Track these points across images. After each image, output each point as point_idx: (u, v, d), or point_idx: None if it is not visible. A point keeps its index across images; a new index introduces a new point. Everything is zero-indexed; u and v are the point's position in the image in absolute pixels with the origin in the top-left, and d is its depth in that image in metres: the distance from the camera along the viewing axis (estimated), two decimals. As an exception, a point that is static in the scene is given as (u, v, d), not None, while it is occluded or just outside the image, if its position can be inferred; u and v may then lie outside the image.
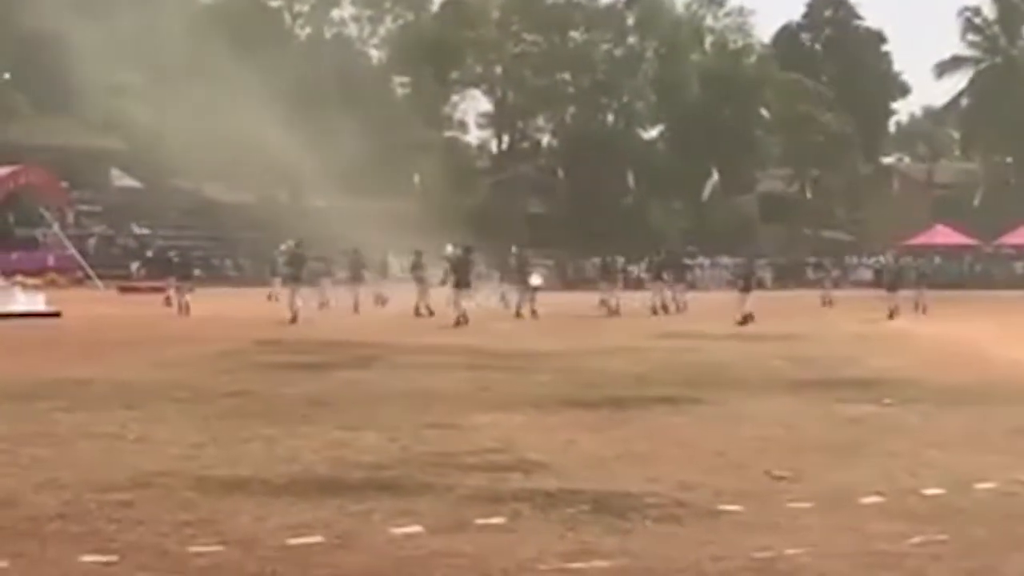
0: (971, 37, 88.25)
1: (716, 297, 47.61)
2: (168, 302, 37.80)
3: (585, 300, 43.60)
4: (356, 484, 10.31)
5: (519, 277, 40.51)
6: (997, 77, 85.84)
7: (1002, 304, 47.33)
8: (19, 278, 39.44)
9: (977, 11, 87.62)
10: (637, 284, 50.30)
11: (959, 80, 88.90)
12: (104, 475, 10.53)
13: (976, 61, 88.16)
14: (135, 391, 16.66)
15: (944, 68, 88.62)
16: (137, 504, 9.45)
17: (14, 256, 51.16)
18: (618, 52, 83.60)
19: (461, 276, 34.78)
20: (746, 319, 34.29)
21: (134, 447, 12.28)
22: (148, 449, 12.14)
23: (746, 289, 37.08)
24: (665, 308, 41.23)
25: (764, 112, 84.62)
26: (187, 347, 24.26)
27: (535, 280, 40.62)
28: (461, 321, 32.85)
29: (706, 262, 71.35)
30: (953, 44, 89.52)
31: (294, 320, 32.73)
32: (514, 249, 45.09)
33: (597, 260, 46.71)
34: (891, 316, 38.24)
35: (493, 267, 48.74)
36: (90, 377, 18.34)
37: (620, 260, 46.40)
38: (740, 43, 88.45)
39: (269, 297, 42.14)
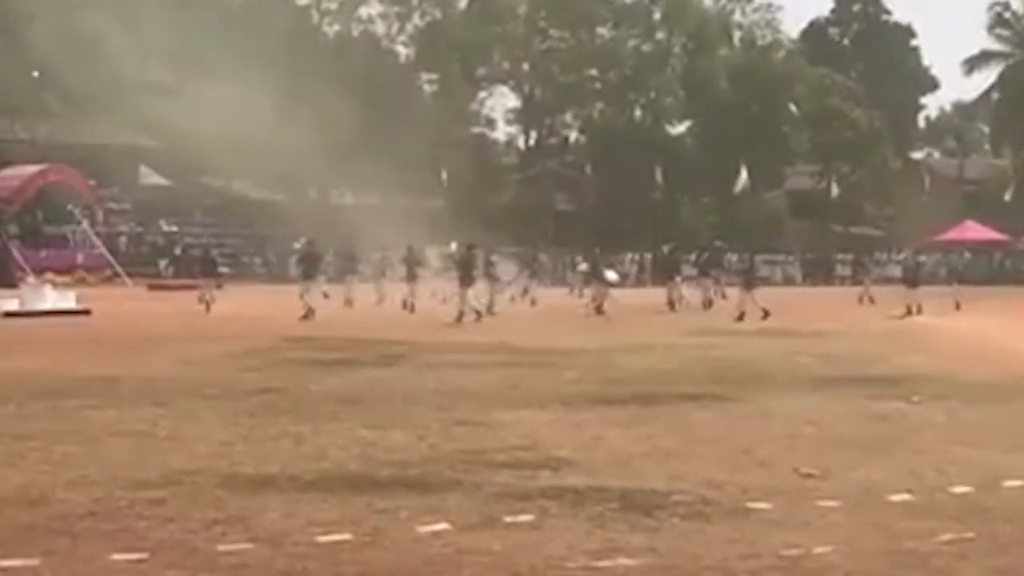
0: (1000, 31, 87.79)
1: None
2: (202, 300, 37.47)
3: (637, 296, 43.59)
4: (384, 481, 10.36)
5: (596, 275, 41.31)
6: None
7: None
8: (49, 276, 39.67)
9: (1007, 5, 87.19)
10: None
11: (989, 75, 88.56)
12: (134, 473, 10.60)
13: (1006, 56, 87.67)
14: (164, 389, 16.75)
15: (973, 63, 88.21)
16: (167, 502, 9.51)
17: (43, 254, 51.36)
18: (646, 48, 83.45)
19: (465, 273, 34.88)
20: (742, 316, 34.39)
21: (164, 444, 12.36)
22: (178, 446, 12.21)
23: (748, 286, 37.03)
24: (711, 303, 41.53)
25: (793, 108, 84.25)
26: (216, 344, 24.30)
27: (611, 276, 41.62)
28: (464, 317, 32.89)
29: (734, 258, 71.11)
30: (982, 38, 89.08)
31: (306, 317, 32.74)
32: (596, 251, 45.80)
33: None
34: (908, 312, 37.93)
35: (521, 263, 48.91)
36: (120, 375, 18.43)
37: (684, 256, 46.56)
38: (768, 38, 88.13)
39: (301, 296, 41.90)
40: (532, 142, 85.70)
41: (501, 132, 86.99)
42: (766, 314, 34.20)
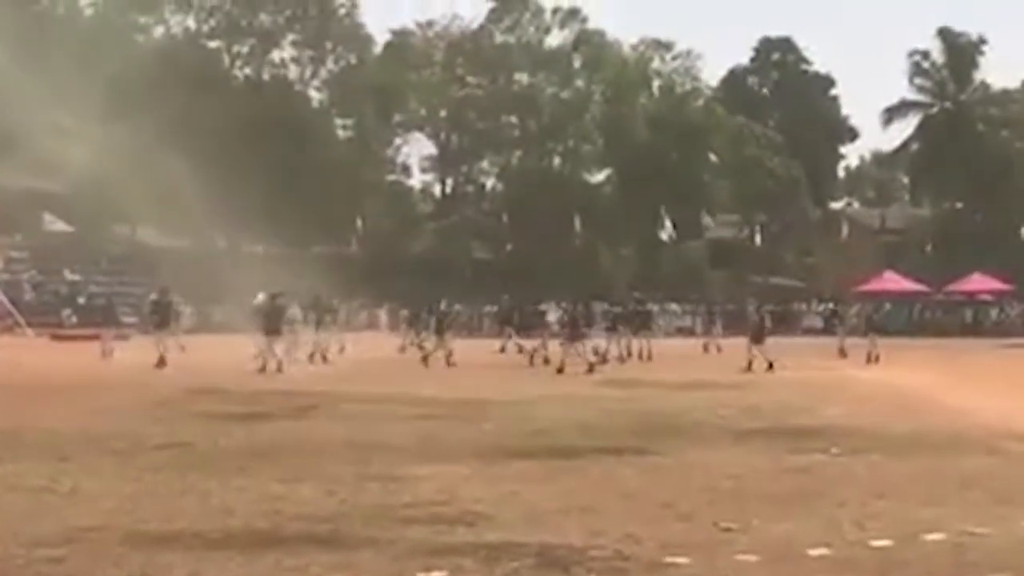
0: (920, 81, 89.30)
1: (667, 344, 47.64)
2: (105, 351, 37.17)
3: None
4: (293, 538, 10.27)
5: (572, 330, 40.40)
6: (946, 122, 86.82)
7: (951, 352, 47.72)
8: (-53, 327, 39.15)
9: (926, 55, 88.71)
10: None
11: (908, 125, 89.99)
12: (33, 529, 10.43)
13: (925, 106, 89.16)
14: (67, 442, 16.52)
15: (893, 113, 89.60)
16: (67, 559, 9.37)
17: (-58, 304, 50.72)
18: (564, 95, 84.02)
19: (271, 323, 34.83)
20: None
21: (65, 500, 12.18)
22: (80, 502, 12.04)
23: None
24: (629, 355, 41.37)
25: (712, 156, 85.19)
26: (122, 396, 24.09)
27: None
28: (266, 368, 32.73)
29: (655, 308, 71.51)
30: (902, 88, 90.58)
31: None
32: (564, 304, 45.44)
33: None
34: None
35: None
36: (19, 427, 18.18)
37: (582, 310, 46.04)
38: (688, 86, 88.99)
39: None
40: (449, 189, 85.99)
41: (417, 179, 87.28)
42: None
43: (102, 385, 27.30)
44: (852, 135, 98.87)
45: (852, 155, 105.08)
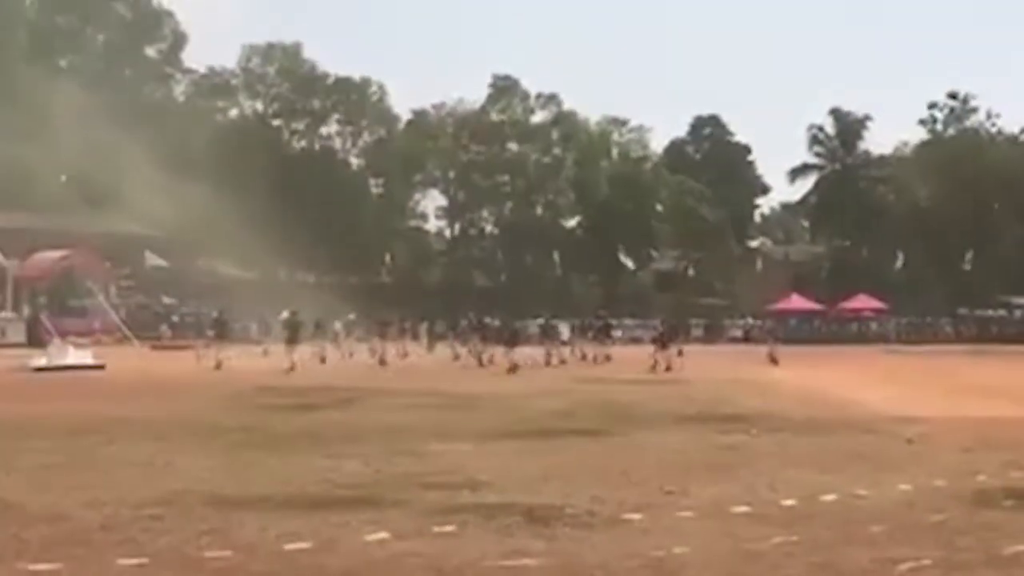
0: (816, 148, 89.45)
1: (624, 350, 47.59)
2: (206, 356, 36.38)
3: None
4: (338, 500, 10.26)
5: (552, 334, 41.74)
6: (837, 180, 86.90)
7: (843, 356, 47.76)
8: (71, 338, 39.02)
9: (821, 128, 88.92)
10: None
11: (808, 182, 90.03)
12: (137, 494, 10.42)
13: (820, 168, 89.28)
14: (162, 427, 16.51)
15: (796, 173, 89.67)
16: (164, 518, 9.37)
17: (67, 321, 50.60)
18: (545, 160, 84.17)
19: (292, 334, 35.16)
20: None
21: (161, 472, 12.17)
22: (173, 473, 12.03)
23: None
24: (595, 359, 40.97)
25: (658, 206, 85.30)
26: (203, 392, 24.06)
27: (564, 333, 42.83)
28: (293, 368, 32.48)
29: (614, 322, 71.36)
30: (803, 153, 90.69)
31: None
32: (543, 317, 45.65)
33: (540, 322, 46.08)
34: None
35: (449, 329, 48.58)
36: (127, 416, 18.16)
37: (560, 323, 45.74)
38: (640, 153, 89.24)
39: (264, 352, 41.14)
40: (457, 232, 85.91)
41: (432, 225, 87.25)
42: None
43: (189, 384, 27.25)
44: (765, 190, 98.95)
45: (765, 205, 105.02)
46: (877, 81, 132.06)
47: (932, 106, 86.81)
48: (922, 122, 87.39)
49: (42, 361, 32.30)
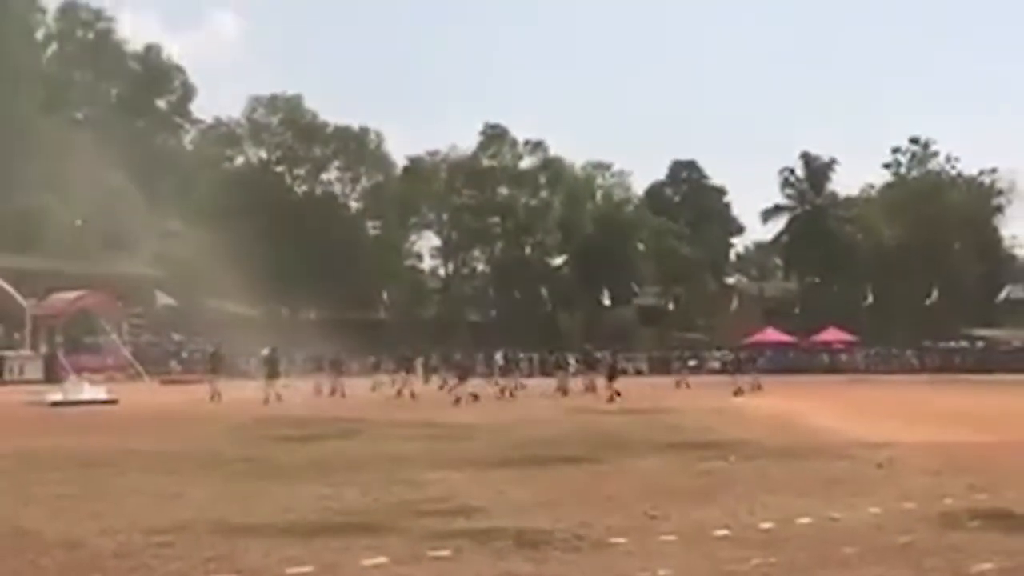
0: (787, 191, 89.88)
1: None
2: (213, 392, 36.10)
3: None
4: (338, 527, 10.18)
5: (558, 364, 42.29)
6: (807, 220, 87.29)
7: (815, 385, 47.81)
8: (85, 374, 38.86)
9: (792, 171, 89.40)
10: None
11: (780, 222, 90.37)
12: (149, 523, 10.33)
13: (791, 209, 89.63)
14: (171, 459, 16.41)
15: (768, 214, 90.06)
16: (173, 544, 9.28)
17: (82, 358, 50.47)
18: (533, 202, 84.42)
19: (271, 369, 35.34)
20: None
21: (171, 501, 12.06)
22: (181, 502, 11.93)
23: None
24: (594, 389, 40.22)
25: (640, 246, 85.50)
26: (211, 425, 23.94)
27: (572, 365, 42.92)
28: (272, 400, 32.53)
29: (599, 356, 71.20)
30: (774, 195, 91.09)
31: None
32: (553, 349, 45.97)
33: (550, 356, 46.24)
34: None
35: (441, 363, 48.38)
36: (139, 448, 18.05)
37: (569, 356, 45.65)
38: (622, 196, 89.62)
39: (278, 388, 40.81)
40: (450, 271, 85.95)
41: (427, 264, 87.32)
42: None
43: (197, 417, 27.11)
44: (740, 229, 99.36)
45: (740, 244, 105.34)
46: (843, 126, 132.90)
47: (896, 150, 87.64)
48: (886, 165, 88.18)
49: (58, 396, 32.14)
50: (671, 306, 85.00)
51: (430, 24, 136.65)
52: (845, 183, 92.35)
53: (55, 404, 30.77)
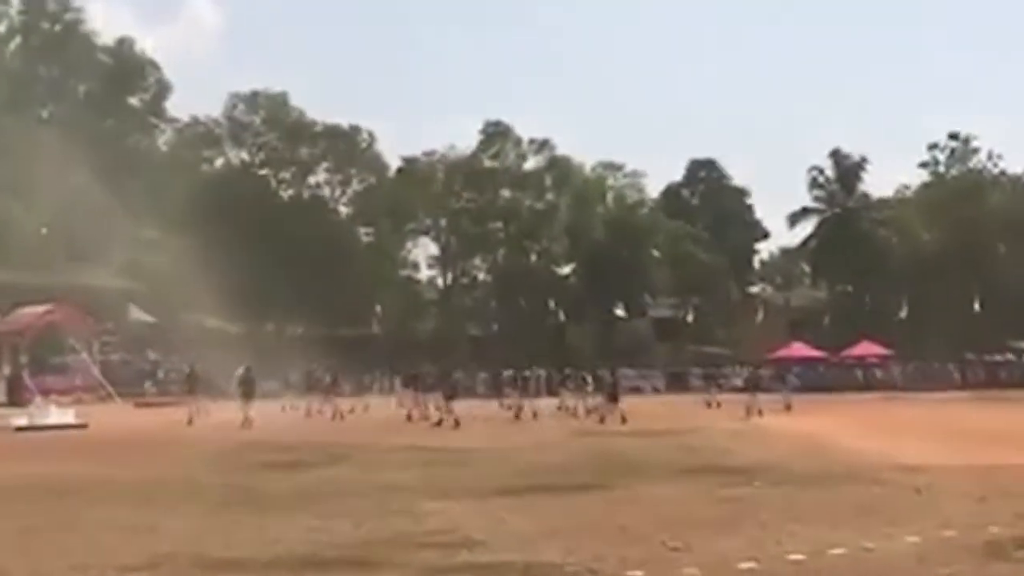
0: (816, 192, 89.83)
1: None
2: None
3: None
4: (329, 561, 10.18)
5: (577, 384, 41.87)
6: (837, 224, 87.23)
7: (847, 404, 47.76)
8: (52, 396, 38.92)
9: (820, 170, 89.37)
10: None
11: (808, 226, 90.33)
12: (123, 558, 10.34)
13: (820, 211, 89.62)
14: (146, 487, 16.42)
15: (795, 218, 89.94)
16: (149, 582, 9.28)
17: (49, 378, 50.53)
18: (539, 206, 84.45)
19: (247, 390, 35.45)
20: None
21: (147, 534, 12.06)
22: (158, 535, 11.93)
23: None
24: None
25: (655, 252, 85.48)
26: (189, 451, 23.96)
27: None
28: (246, 424, 32.53)
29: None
30: (801, 197, 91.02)
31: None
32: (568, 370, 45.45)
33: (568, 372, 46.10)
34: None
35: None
36: (111, 477, 18.06)
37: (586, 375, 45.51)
38: (635, 198, 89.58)
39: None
40: (449, 281, 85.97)
41: (424, 274, 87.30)
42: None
43: (174, 443, 27.12)
44: (764, 234, 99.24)
45: (764, 250, 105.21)
46: (876, 122, 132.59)
47: (933, 147, 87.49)
48: (923, 164, 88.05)
49: (23, 421, 32.19)
50: (689, 318, 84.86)
51: (425, 15, 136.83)
52: (878, 183, 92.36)
53: (20, 429, 30.81)
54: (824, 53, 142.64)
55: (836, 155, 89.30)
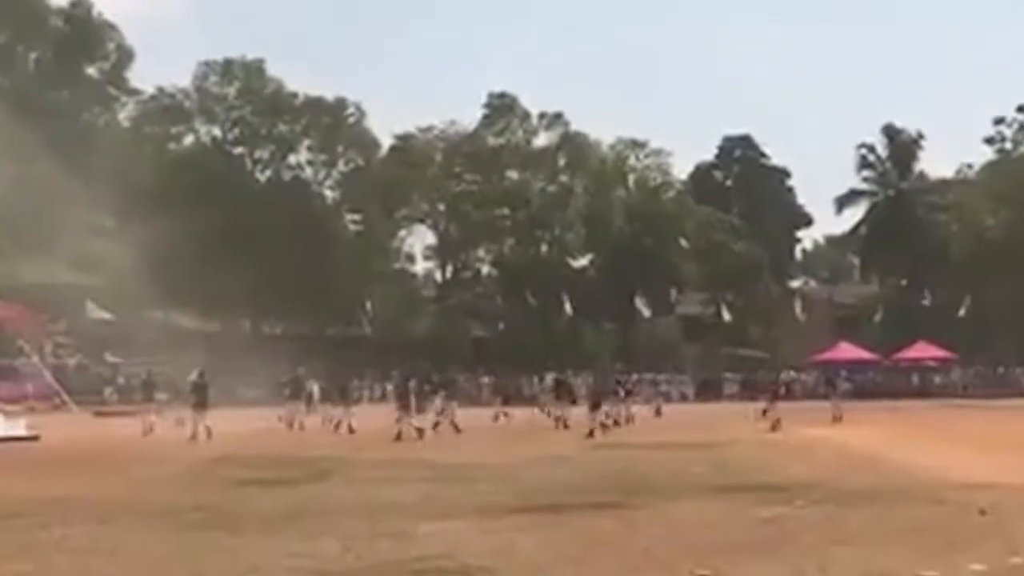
0: (866, 172, 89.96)
1: (642, 411, 47.57)
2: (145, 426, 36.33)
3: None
4: (312, 590, 10.21)
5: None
6: (890, 208, 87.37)
7: (900, 413, 47.71)
8: (1, 406, 39.06)
9: (872, 148, 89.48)
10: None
11: (857, 211, 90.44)
12: (77, 586, 10.38)
13: (871, 194, 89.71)
14: (107, 507, 16.45)
15: (843, 201, 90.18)
16: (108, 613, 9.32)
17: (-5, 385, 50.77)
18: (551, 189, 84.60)
19: (200, 398, 34.84)
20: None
21: (106, 559, 12.09)
22: (119, 561, 11.96)
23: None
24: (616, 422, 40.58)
25: (683, 242, 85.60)
26: (155, 465, 24.01)
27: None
28: (197, 437, 32.42)
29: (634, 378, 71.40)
30: (849, 178, 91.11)
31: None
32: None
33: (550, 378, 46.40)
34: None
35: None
36: (66, 495, 18.09)
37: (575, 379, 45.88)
38: (660, 180, 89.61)
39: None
40: (448, 275, 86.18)
41: (420, 266, 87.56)
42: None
43: (138, 457, 27.19)
44: (807, 221, 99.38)
45: (807, 239, 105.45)
46: (934, 94, 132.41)
47: (999, 122, 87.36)
48: (988, 140, 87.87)
49: (-34, 432, 32.29)
50: (722, 316, 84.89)
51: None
52: (937, 163, 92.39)
53: (-37, 442, 30.89)
54: (877, 15, 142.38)
55: (889, 130, 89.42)
